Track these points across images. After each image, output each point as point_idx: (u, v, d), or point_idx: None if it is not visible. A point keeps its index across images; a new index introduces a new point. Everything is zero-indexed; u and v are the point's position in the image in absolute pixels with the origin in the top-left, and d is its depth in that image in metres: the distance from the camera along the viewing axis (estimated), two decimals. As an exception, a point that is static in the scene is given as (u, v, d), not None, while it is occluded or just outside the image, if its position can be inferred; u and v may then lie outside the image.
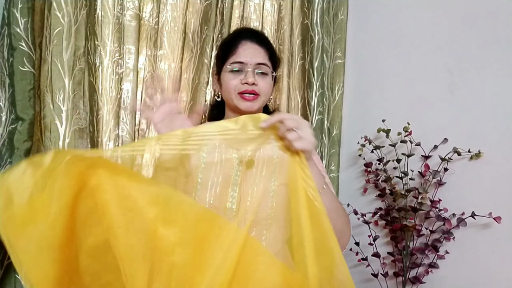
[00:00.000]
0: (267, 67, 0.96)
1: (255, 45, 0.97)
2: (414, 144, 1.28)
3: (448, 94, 1.26)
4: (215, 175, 0.84)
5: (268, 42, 1.02)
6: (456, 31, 1.25)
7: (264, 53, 0.97)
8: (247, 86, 0.92)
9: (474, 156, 1.17)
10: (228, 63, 0.95)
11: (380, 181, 1.36)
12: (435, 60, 1.30)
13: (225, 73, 0.96)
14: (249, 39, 0.98)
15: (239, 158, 0.83)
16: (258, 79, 0.93)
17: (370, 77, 1.52)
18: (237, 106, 0.93)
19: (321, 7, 1.50)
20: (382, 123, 1.35)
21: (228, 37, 1.07)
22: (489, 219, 1.11)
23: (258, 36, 1.02)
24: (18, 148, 1.00)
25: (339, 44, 1.54)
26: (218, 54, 1.04)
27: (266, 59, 0.97)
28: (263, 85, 0.94)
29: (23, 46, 1.00)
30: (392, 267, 1.33)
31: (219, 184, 0.84)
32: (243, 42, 0.97)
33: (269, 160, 0.83)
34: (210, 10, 1.33)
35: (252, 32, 1.04)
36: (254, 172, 0.83)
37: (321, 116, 1.50)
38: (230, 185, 0.83)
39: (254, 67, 0.94)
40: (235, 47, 0.96)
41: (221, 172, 0.83)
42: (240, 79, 0.93)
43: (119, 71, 1.20)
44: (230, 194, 0.83)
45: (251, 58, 0.94)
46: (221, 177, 0.84)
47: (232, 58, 0.95)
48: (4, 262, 1.06)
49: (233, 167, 0.83)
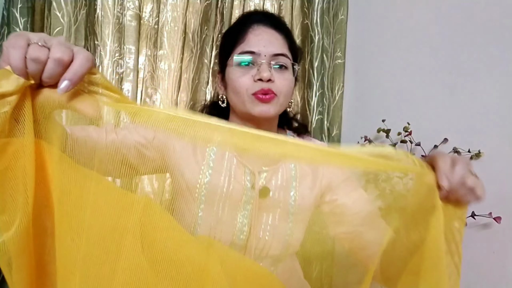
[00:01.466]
0: (287, 58, 0.72)
1: (271, 29, 0.73)
2: (414, 144, 1.28)
3: (448, 94, 1.26)
4: (221, 199, 0.69)
5: (286, 26, 0.78)
6: (456, 31, 1.25)
7: (283, 41, 0.73)
8: (261, 84, 0.68)
9: (474, 156, 1.17)
10: (235, 54, 0.71)
11: (380, 181, 1.36)
12: (435, 60, 1.30)
13: (231, 68, 0.72)
14: (262, 22, 0.73)
15: (251, 181, 0.71)
16: (276, 75, 0.70)
17: (370, 77, 1.52)
18: (249, 111, 0.70)
19: (321, 7, 1.50)
20: (382, 123, 1.35)
21: (235, 22, 0.81)
22: (489, 219, 1.11)
23: (274, 19, 0.76)
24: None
25: (339, 44, 1.54)
26: (222, 45, 0.80)
27: (285, 48, 0.73)
28: (282, 82, 0.70)
29: (23, 46, 1.00)
30: (392, 267, 1.33)
31: (225, 209, 0.69)
32: (254, 27, 0.72)
33: (286, 188, 0.70)
34: (210, 10, 1.33)
35: (265, 14, 0.79)
36: (268, 204, 0.70)
37: (321, 116, 1.50)
38: (240, 211, 0.70)
39: (270, 58, 0.70)
40: (244, 33, 0.72)
41: (228, 196, 0.69)
42: (251, 75, 0.69)
43: (119, 71, 1.20)
44: (239, 221, 0.70)
45: (265, 47, 0.70)
46: (228, 201, 0.69)
47: (240, 47, 0.71)
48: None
49: (244, 190, 0.70)
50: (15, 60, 0.40)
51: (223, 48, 0.78)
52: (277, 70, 0.71)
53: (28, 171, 0.46)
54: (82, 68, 0.43)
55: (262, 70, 0.68)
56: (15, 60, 0.40)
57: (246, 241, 0.70)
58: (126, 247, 0.48)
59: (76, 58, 0.42)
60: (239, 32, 0.73)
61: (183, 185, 0.71)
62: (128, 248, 0.48)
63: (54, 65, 0.41)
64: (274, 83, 0.69)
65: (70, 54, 0.42)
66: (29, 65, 0.41)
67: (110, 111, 0.75)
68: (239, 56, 0.71)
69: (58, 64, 0.41)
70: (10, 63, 0.40)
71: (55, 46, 0.41)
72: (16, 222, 0.46)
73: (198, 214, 0.69)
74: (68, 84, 0.42)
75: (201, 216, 0.69)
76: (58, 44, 0.41)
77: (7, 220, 0.46)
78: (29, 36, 0.42)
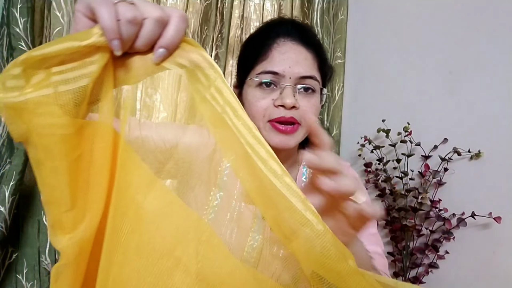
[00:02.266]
0: (316, 81, 0.63)
1: (299, 46, 0.63)
2: (414, 144, 1.27)
3: (448, 94, 1.26)
4: (229, 224, 0.60)
5: (318, 41, 0.68)
6: (456, 31, 1.25)
7: (312, 60, 0.64)
8: (283, 111, 0.60)
9: (474, 156, 1.17)
10: (255, 72, 0.63)
11: (380, 181, 1.36)
12: (435, 60, 1.30)
13: (250, 88, 0.63)
14: (290, 36, 0.64)
15: (254, 213, 0.62)
16: (301, 99, 0.61)
17: (370, 77, 1.52)
18: (266, 139, 0.61)
19: (321, 7, 1.50)
20: (382, 123, 1.35)
21: (257, 31, 0.71)
22: (489, 219, 1.11)
23: (304, 32, 0.66)
24: (18, 148, 1.00)
25: (339, 44, 1.54)
26: (241, 56, 0.71)
27: (314, 69, 0.63)
28: (308, 109, 0.62)
29: (23, 46, 1.00)
30: (392, 267, 1.33)
31: (234, 231, 0.60)
32: (279, 42, 0.63)
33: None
34: (210, 10, 1.33)
35: (294, 25, 0.67)
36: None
37: (321, 116, 1.50)
38: (250, 233, 0.61)
39: (295, 81, 0.61)
40: (268, 48, 0.63)
41: (237, 221, 0.61)
42: (272, 99, 0.61)
43: (119, 71, 1.20)
44: (250, 243, 0.61)
45: (291, 68, 0.61)
46: (236, 227, 0.61)
47: (261, 65, 0.63)
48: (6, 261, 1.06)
49: (251, 217, 0.62)
50: (108, 20, 0.32)
51: (242, 61, 0.69)
52: (302, 94, 0.62)
53: (104, 162, 0.39)
54: (179, 32, 0.35)
55: (285, 95, 0.59)
56: (107, 21, 0.32)
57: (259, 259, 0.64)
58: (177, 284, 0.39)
59: (172, 18, 0.35)
60: (262, 46, 0.63)
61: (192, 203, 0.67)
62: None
63: (154, 26, 0.34)
64: (297, 110, 0.60)
65: (165, 12, 0.34)
66: (124, 27, 0.33)
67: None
68: (259, 76, 0.61)
69: (159, 25, 0.34)
70: (102, 24, 0.32)
71: (146, 4, 0.34)
72: (85, 221, 0.38)
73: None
74: (165, 52, 0.35)
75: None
76: (146, 1, 0.34)
77: (75, 217, 0.38)
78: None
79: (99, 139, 0.38)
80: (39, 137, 0.35)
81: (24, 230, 1.09)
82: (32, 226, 1.09)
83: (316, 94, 0.64)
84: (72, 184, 0.37)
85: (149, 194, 0.40)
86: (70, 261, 0.38)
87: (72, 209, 0.38)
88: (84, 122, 0.37)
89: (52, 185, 0.37)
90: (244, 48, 0.71)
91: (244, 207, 0.63)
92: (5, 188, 0.97)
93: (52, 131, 0.35)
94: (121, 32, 0.33)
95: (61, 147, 0.36)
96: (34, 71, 0.35)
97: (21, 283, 1.07)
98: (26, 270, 1.07)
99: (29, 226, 1.09)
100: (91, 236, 0.39)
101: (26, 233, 1.09)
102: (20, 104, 0.34)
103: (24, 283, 1.07)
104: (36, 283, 1.08)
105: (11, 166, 0.98)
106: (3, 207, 0.97)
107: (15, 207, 1.01)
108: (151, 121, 0.63)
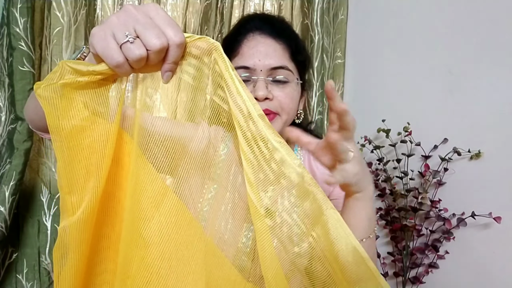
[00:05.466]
0: (288, 70, 0.65)
1: (268, 38, 0.65)
2: (414, 144, 1.27)
3: (448, 94, 1.26)
4: (224, 215, 0.62)
5: (289, 32, 0.69)
6: (456, 31, 1.25)
7: (282, 51, 0.66)
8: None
9: (474, 156, 1.17)
10: None
11: (380, 181, 1.36)
12: (435, 60, 1.30)
13: None
14: (259, 30, 0.66)
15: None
16: (274, 90, 0.63)
17: (370, 77, 1.52)
18: None
19: (321, 7, 1.50)
20: (382, 123, 1.35)
21: (231, 29, 0.74)
22: (489, 219, 1.11)
23: (273, 24, 0.68)
24: (18, 148, 1.00)
25: (339, 44, 1.54)
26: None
27: (285, 59, 0.66)
28: (282, 99, 0.63)
29: (23, 46, 1.00)
30: (392, 267, 1.33)
31: (229, 223, 0.62)
32: (249, 37, 0.66)
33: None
34: (210, 10, 1.33)
35: (263, 19, 0.69)
36: (273, 225, 0.60)
37: (321, 116, 1.50)
38: (245, 223, 0.62)
39: (267, 73, 0.63)
40: (238, 44, 0.66)
41: (232, 213, 0.63)
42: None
43: (119, 71, 1.20)
44: (244, 234, 0.62)
45: (261, 60, 0.63)
46: (231, 219, 0.62)
47: (234, 62, 0.65)
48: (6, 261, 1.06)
49: (245, 208, 0.62)
50: (117, 69, 0.41)
51: None
52: (276, 85, 0.64)
53: (105, 156, 0.46)
54: (178, 54, 0.43)
55: (257, 88, 0.61)
56: (117, 69, 0.41)
57: (251, 263, 0.65)
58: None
59: (171, 45, 0.41)
60: (234, 42, 0.66)
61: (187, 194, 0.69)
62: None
63: (156, 56, 0.41)
64: (272, 101, 0.62)
65: (165, 38, 0.40)
66: (134, 65, 0.41)
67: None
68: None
69: (160, 54, 0.41)
70: (115, 69, 0.41)
71: (148, 35, 0.39)
72: (83, 204, 0.45)
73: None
74: (171, 74, 0.45)
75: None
76: (149, 29, 0.39)
77: (75, 202, 0.45)
78: (114, 31, 0.40)
79: (105, 137, 0.46)
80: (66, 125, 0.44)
81: (24, 230, 1.09)
82: (32, 226, 1.09)
83: (291, 84, 0.65)
84: (73, 169, 0.44)
85: (161, 206, 0.49)
86: (74, 244, 0.45)
87: (70, 192, 0.44)
88: (95, 118, 0.45)
89: (61, 168, 0.44)
90: (222, 45, 0.74)
91: (238, 198, 0.63)
92: (5, 188, 0.97)
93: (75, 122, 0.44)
94: (132, 67, 0.42)
95: (78, 136, 0.44)
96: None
97: (21, 283, 1.07)
98: (26, 270, 1.07)
99: (29, 226, 1.09)
100: (90, 218, 0.45)
101: (26, 233, 1.09)
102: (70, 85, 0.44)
103: (24, 283, 1.07)
104: (36, 283, 1.08)
105: (11, 166, 0.98)
106: (3, 207, 0.97)
107: (15, 207, 1.01)
108: (148, 114, 0.64)
